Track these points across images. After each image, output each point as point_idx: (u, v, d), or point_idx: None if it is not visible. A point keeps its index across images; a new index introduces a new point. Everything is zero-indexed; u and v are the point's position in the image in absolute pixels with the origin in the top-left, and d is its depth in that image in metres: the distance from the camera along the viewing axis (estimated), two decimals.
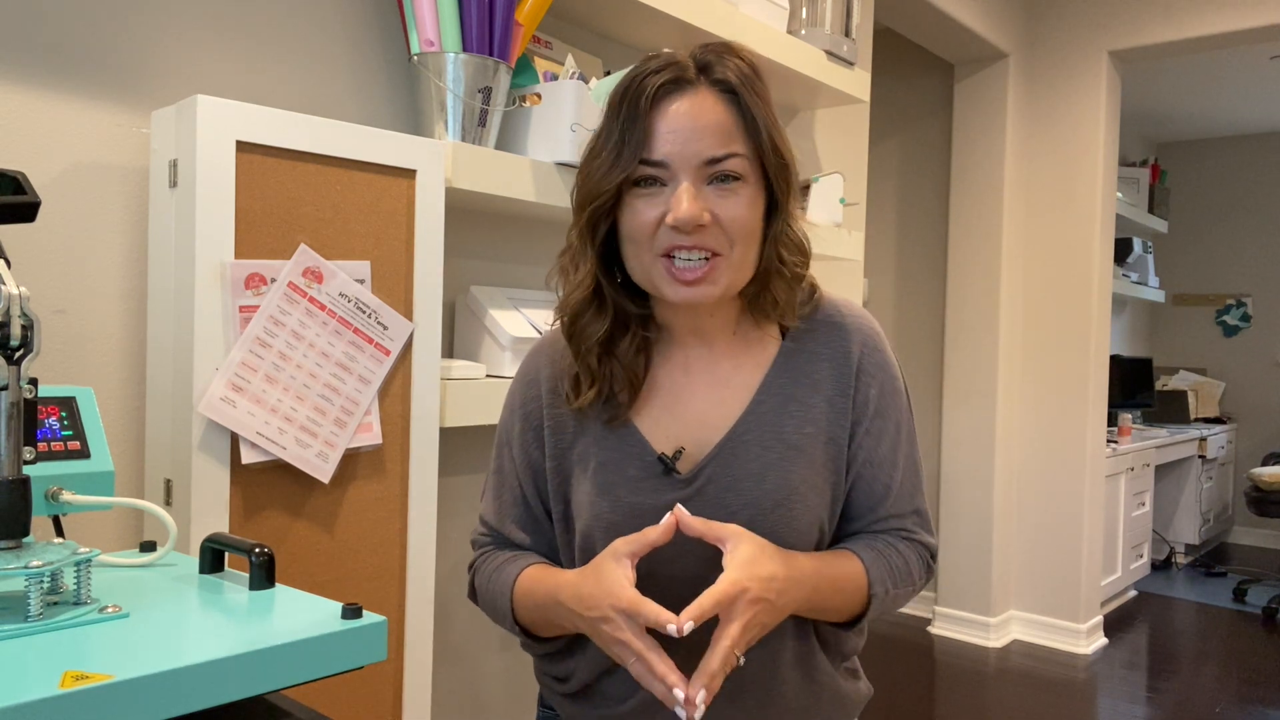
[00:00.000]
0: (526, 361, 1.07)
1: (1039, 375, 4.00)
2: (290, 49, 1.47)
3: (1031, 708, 3.30)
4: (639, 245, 0.92)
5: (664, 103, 0.91)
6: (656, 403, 0.99)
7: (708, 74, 0.92)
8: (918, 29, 3.61)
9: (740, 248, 0.92)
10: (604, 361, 0.97)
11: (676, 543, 0.91)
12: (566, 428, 1.01)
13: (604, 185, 0.91)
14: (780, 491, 0.94)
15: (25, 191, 0.88)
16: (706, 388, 0.99)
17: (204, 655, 0.67)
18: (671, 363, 1.01)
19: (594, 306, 0.96)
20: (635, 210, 0.91)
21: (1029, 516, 4.03)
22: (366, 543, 1.33)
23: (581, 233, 0.95)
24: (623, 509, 0.95)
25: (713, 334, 1.00)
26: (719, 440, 0.96)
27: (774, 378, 0.99)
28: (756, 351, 1.01)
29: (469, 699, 1.78)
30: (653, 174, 0.90)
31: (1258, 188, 6.08)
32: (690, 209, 0.88)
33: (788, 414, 0.97)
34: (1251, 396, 6.07)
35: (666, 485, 0.95)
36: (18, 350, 0.74)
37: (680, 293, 0.91)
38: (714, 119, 0.90)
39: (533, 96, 1.61)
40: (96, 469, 0.92)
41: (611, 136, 0.91)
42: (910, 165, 4.39)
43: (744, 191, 0.91)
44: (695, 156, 0.89)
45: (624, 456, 0.97)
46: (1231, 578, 5.16)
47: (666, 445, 0.97)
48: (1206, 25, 3.59)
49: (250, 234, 1.20)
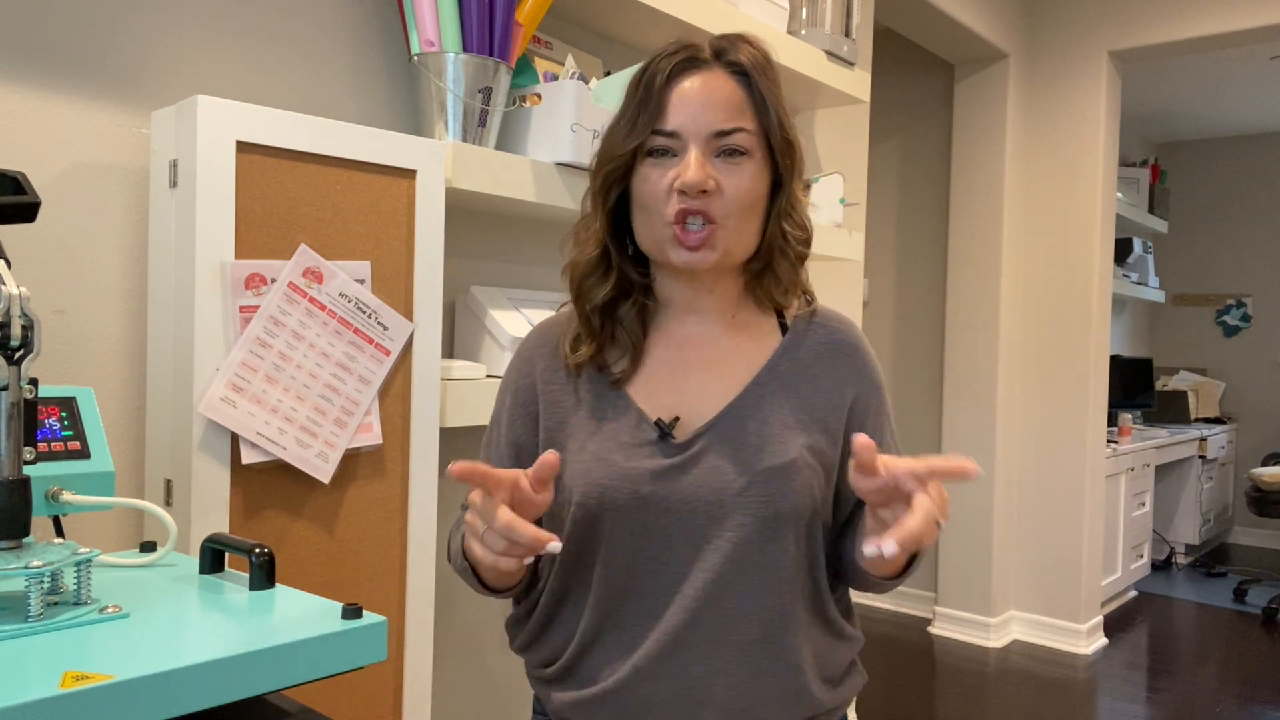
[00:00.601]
0: (523, 343, 1.10)
1: (1039, 375, 4.00)
2: (290, 49, 1.47)
3: (1031, 708, 3.30)
4: (649, 211, 0.96)
5: (678, 79, 0.96)
6: (652, 375, 1.02)
7: (721, 57, 0.98)
8: (918, 29, 3.61)
9: (737, 219, 0.95)
10: (605, 324, 1.02)
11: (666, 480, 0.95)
12: (561, 402, 1.03)
13: (618, 151, 0.96)
14: (778, 461, 0.96)
15: (25, 191, 0.88)
16: (703, 364, 1.02)
17: (204, 655, 0.67)
18: (669, 337, 1.03)
19: (600, 269, 1.01)
20: (647, 178, 0.96)
21: (1029, 516, 4.03)
22: (367, 543, 1.33)
23: (594, 196, 1.00)
24: (617, 473, 0.96)
25: (713, 312, 1.03)
26: (718, 412, 0.99)
27: (776, 363, 1.02)
28: (756, 337, 1.04)
29: (469, 699, 1.78)
30: (665, 144, 0.95)
31: (1258, 188, 6.08)
32: (697, 174, 0.92)
33: (786, 399, 1.00)
34: (1252, 397, 6.07)
35: (662, 451, 0.97)
36: (18, 350, 0.74)
37: (683, 256, 0.95)
38: (725, 95, 0.95)
39: (533, 97, 1.61)
40: (97, 469, 0.92)
41: (628, 111, 0.97)
42: (910, 165, 4.39)
43: (749, 166, 0.96)
44: (705, 128, 0.94)
45: (619, 425, 0.99)
46: (1232, 578, 5.16)
47: (663, 414, 0.99)
48: (1207, 25, 3.59)
49: (250, 234, 1.20)
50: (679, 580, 0.96)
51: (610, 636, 0.98)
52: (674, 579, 0.96)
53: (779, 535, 0.96)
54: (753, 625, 0.96)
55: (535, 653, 1.06)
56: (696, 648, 0.96)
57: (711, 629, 0.96)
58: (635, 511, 0.96)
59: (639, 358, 1.02)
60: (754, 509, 0.95)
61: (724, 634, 0.96)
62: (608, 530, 0.97)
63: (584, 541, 0.98)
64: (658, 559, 0.96)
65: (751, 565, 0.96)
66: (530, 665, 1.08)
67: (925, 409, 4.28)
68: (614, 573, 0.97)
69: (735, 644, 0.96)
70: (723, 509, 0.95)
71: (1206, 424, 5.74)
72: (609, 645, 0.98)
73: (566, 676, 1.02)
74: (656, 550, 0.96)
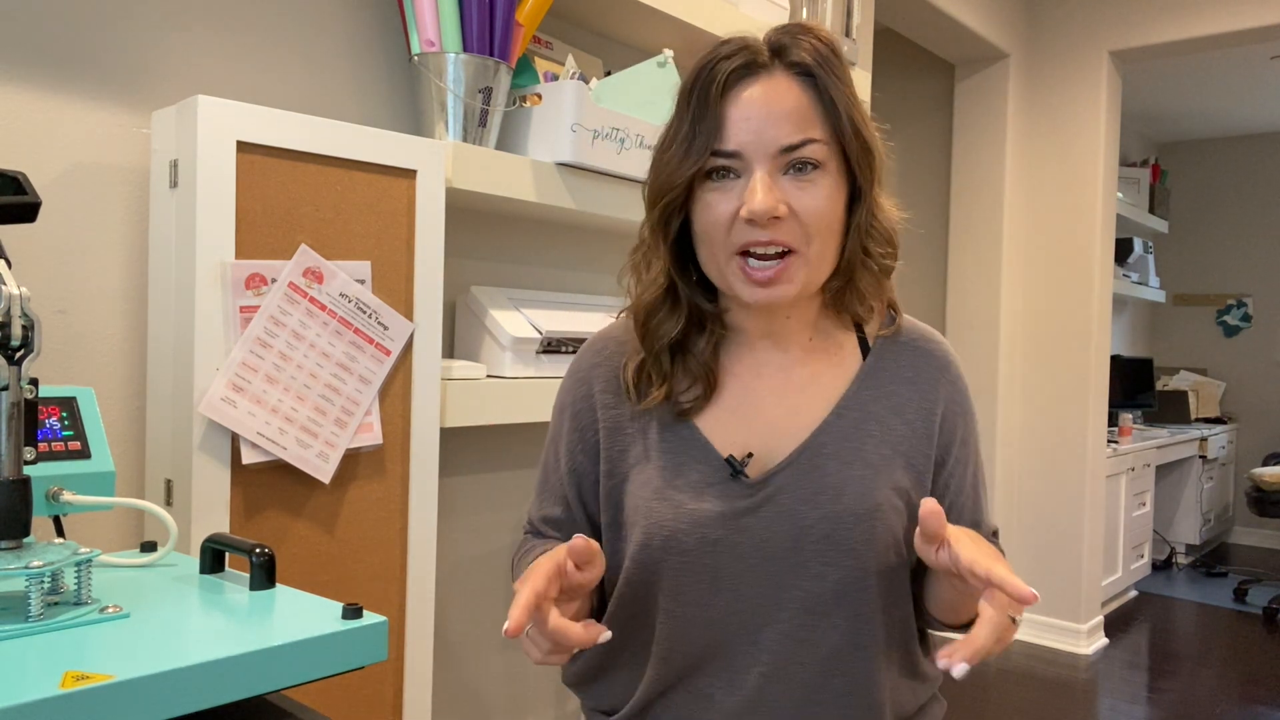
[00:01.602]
0: (578, 358, 1.01)
1: (1039, 375, 4.00)
2: (291, 49, 1.47)
3: (1032, 708, 3.30)
4: (713, 242, 0.87)
5: (736, 89, 0.86)
6: (724, 406, 0.93)
7: (782, 57, 0.87)
8: (918, 29, 3.61)
9: (819, 243, 0.86)
10: (675, 361, 0.93)
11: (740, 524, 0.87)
12: (624, 429, 0.95)
13: (675, 179, 0.86)
14: (862, 506, 0.87)
15: (25, 191, 0.88)
16: (779, 394, 0.93)
17: (204, 655, 0.67)
18: (742, 365, 0.95)
19: (667, 305, 0.92)
20: (708, 204, 0.86)
21: (1029, 516, 4.03)
22: (367, 543, 1.33)
23: (654, 229, 0.91)
24: (684, 515, 0.88)
25: (788, 337, 0.94)
26: (795, 448, 0.90)
27: (856, 391, 0.93)
28: (835, 362, 0.95)
29: (469, 699, 1.78)
30: (726, 165, 0.85)
31: (1258, 188, 6.08)
32: (765, 200, 0.82)
33: (868, 432, 0.91)
34: (1252, 396, 6.07)
35: (733, 491, 0.89)
36: (18, 350, 0.74)
37: (755, 294, 0.86)
38: (790, 104, 0.85)
39: (533, 97, 1.61)
40: (97, 469, 0.92)
41: (682, 128, 0.87)
42: (911, 165, 4.39)
43: (823, 181, 0.85)
44: (771, 144, 0.84)
45: (686, 460, 0.91)
46: (1232, 578, 5.16)
47: (734, 450, 0.90)
48: (1207, 25, 3.59)
49: (251, 234, 1.20)
50: (754, 633, 0.89)
51: (680, 694, 0.92)
52: (748, 632, 0.89)
53: (863, 584, 0.88)
54: (837, 682, 0.88)
55: (593, 694, 1.00)
56: (777, 708, 0.88)
57: (794, 688, 0.88)
58: (704, 557, 0.88)
59: (715, 389, 0.93)
60: (833, 557, 0.87)
61: (808, 693, 0.88)
62: (672, 575, 0.89)
63: (644, 586, 0.91)
64: (728, 609, 0.89)
65: (832, 617, 0.88)
66: (587, 706, 1.01)
67: None
68: (681, 623, 0.90)
69: (819, 700, 0.89)
70: (800, 556, 0.87)
71: (1207, 424, 5.73)
72: (679, 703, 0.92)
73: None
74: (727, 600, 0.88)
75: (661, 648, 0.91)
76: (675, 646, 0.91)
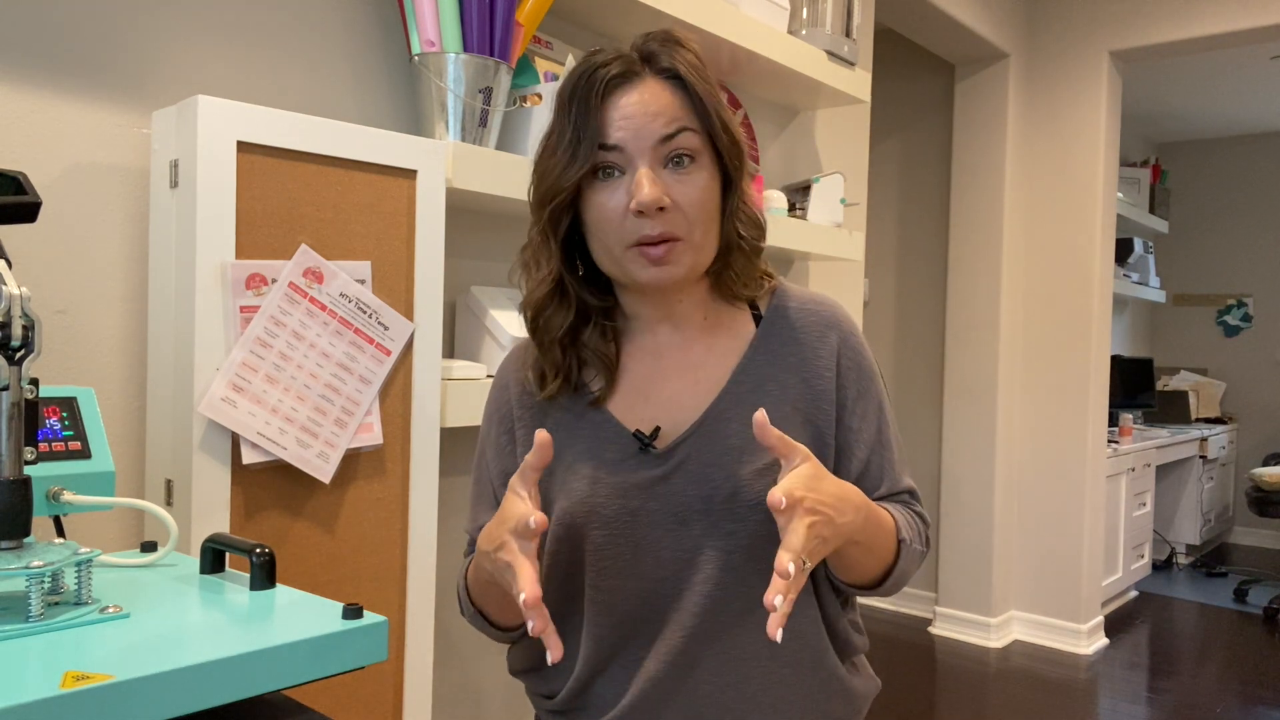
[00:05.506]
0: (501, 366, 1.09)
1: (1040, 375, 4.00)
2: (291, 49, 1.47)
3: (1032, 708, 3.30)
4: (606, 236, 0.93)
5: (614, 95, 0.93)
6: (630, 389, 0.99)
7: (652, 64, 0.94)
8: (918, 29, 3.61)
9: (700, 229, 0.93)
10: (568, 352, 0.99)
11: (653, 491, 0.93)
12: (543, 424, 1.00)
13: (564, 181, 0.92)
14: (763, 462, 0.93)
15: (26, 191, 0.88)
16: (679, 371, 0.99)
17: (204, 655, 0.67)
18: (642, 350, 1.01)
19: (556, 300, 0.98)
20: (598, 203, 0.93)
21: (1030, 516, 4.03)
22: (367, 543, 1.33)
23: (544, 229, 0.96)
24: (602, 488, 0.94)
25: (684, 319, 1.01)
26: (696, 419, 0.96)
27: (752, 357, 0.99)
28: (730, 335, 1.01)
29: (469, 699, 1.78)
30: (610, 160, 0.92)
31: (1258, 188, 6.08)
32: (651, 191, 0.89)
33: (765, 393, 0.97)
34: (1252, 396, 6.07)
35: (644, 462, 0.95)
36: (19, 351, 0.74)
37: (649, 273, 0.92)
38: (664, 103, 0.92)
39: (533, 97, 1.61)
40: (97, 469, 0.92)
41: (566, 132, 0.93)
42: (911, 165, 4.39)
43: (699, 174, 0.92)
44: (650, 137, 0.91)
45: (599, 442, 0.97)
46: (1232, 578, 5.16)
47: (643, 426, 0.97)
48: (1207, 25, 3.59)
49: (251, 234, 1.20)
50: (677, 598, 0.94)
51: (615, 668, 0.96)
52: (671, 595, 0.94)
53: (772, 539, 0.91)
54: (759, 636, 0.93)
55: (534, 680, 1.04)
56: (703, 664, 0.93)
57: (718, 645, 0.93)
58: (625, 527, 0.93)
59: (615, 375, 1.00)
60: (742, 513, 0.92)
61: (732, 649, 0.93)
62: (595, 549, 0.94)
63: (570, 565, 0.96)
64: (651, 576, 0.94)
65: (749, 572, 0.93)
66: (530, 691, 1.06)
67: (926, 409, 4.28)
68: (607, 595, 0.95)
69: (743, 656, 0.93)
70: (711, 516, 0.93)
71: (1207, 424, 5.73)
72: (612, 672, 0.96)
73: (572, 710, 1.00)
74: (648, 567, 0.93)
75: (592, 625, 0.96)
76: (604, 621, 0.95)
